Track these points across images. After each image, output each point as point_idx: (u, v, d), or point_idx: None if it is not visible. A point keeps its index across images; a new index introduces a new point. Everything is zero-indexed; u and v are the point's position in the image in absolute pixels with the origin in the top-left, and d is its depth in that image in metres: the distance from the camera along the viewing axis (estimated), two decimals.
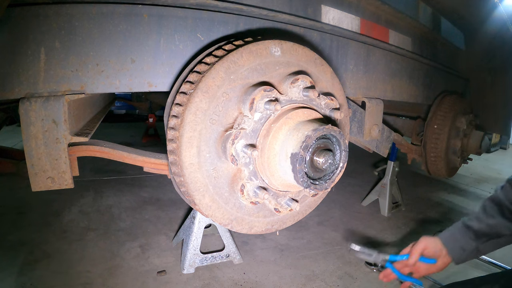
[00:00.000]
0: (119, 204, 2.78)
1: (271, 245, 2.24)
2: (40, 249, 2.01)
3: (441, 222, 2.79)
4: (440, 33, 2.40)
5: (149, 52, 1.17)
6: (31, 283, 1.71)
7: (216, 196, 1.02)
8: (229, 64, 0.99)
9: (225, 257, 1.98)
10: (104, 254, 2.01)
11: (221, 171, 1.02)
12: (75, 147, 1.28)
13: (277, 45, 1.07)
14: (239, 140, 0.96)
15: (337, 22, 1.63)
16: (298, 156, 0.85)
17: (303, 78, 1.03)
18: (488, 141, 2.75)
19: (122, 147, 1.44)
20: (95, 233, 2.27)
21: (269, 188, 1.03)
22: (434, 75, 2.54)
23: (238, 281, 1.85)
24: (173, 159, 1.02)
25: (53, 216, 2.46)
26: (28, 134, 1.07)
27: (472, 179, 4.24)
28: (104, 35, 1.10)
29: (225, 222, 1.05)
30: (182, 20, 1.20)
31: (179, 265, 1.94)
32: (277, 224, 1.16)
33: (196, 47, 1.24)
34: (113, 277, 1.80)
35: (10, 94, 1.04)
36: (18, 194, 2.75)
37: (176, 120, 0.99)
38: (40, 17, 1.01)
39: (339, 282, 1.89)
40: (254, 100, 0.96)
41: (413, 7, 2.10)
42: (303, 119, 0.97)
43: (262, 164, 0.99)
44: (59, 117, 1.09)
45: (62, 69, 1.07)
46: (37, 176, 1.12)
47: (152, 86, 1.20)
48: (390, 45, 1.98)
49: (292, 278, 1.91)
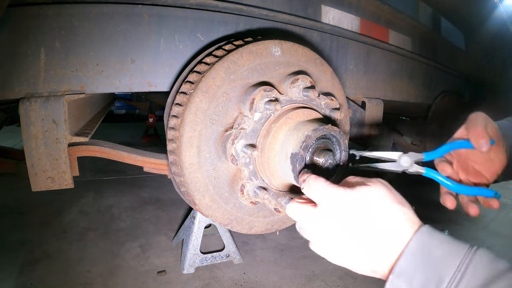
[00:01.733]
0: (119, 204, 2.78)
1: (271, 245, 2.25)
2: (40, 249, 2.01)
3: (441, 222, 2.79)
4: (440, 33, 2.40)
5: (149, 52, 1.17)
6: (31, 283, 1.71)
7: (216, 196, 1.02)
8: (229, 64, 0.99)
9: (225, 257, 1.98)
10: (104, 254, 2.01)
11: (221, 171, 1.02)
12: (75, 147, 1.28)
13: (277, 45, 1.07)
14: (239, 140, 0.96)
15: (337, 22, 1.63)
16: (298, 156, 0.85)
17: (303, 78, 1.03)
18: None
19: (122, 147, 1.45)
20: (95, 233, 2.27)
21: (269, 188, 1.03)
22: (434, 75, 2.54)
23: (238, 281, 1.85)
24: (173, 159, 1.02)
25: (53, 216, 2.46)
26: (28, 134, 1.07)
27: None
28: (104, 35, 1.10)
29: (225, 222, 1.05)
30: (182, 20, 1.20)
31: (179, 265, 1.94)
32: (277, 224, 1.16)
33: (196, 47, 1.24)
34: (113, 277, 1.80)
35: (10, 94, 1.04)
36: (18, 194, 2.75)
37: (176, 120, 0.99)
38: (40, 17, 1.01)
39: (339, 282, 1.89)
40: (254, 100, 0.96)
41: (413, 7, 2.10)
42: (303, 119, 0.97)
43: (262, 164, 0.99)
44: (59, 117, 1.09)
45: (62, 69, 1.07)
46: (37, 176, 1.12)
47: (152, 86, 1.20)
48: (390, 45, 1.98)
49: (292, 278, 1.91)
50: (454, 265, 0.46)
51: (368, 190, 0.57)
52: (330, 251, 0.60)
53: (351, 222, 0.56)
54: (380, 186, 0.58)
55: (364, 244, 0.55)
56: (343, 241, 0.57)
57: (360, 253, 0.56)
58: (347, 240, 0.56)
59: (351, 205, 0.56)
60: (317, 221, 0.59)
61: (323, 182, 0.61)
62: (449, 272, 0.46)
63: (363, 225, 0.55)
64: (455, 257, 0.47)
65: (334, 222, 0.57)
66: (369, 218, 0.55)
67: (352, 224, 0.56)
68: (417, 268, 0.49)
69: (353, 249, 0.56)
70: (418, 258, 0.49)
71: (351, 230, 0.56)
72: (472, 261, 0.46)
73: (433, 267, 0.47)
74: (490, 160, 0.77)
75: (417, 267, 0.49)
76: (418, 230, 0.52)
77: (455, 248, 0.48)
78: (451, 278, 0.45)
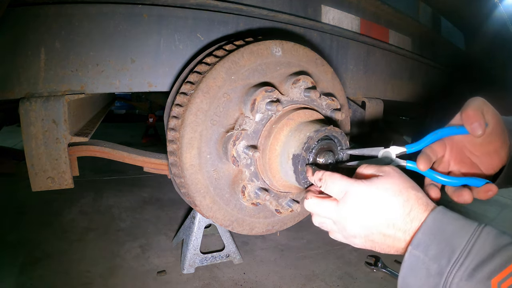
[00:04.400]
0: (119, 204, 2.78)
1: (271, 245, 2.25)
2: (40, 249, 2.00)
3: None
4: (440, 33, 2.40)
5: (149, 52, 1.17)
6: (31, 283, 1.71)
7: (217, 198, 1.02)
8: (230, 65, 0.99)
9: (225, 257, 1.98)
10: (104, 254, 2.01)
11: (222, 172, 1.02)
12: (75, 147, 1.28)
13: (278, 45, 1.07)
14: (240, 141, 0.95)
15: (337, 22, 1.63)
16: (300, 157, 0.85)
17: (305, 78, 1.03)
18: None
19: (122, 147, 1.44)
20: (95, 233, 2.27)
21: (270, 189, 1.03)
22: (434, 75, 2.54)
23: (238, 281, 1.85)
24: (174, 160, 1.02)
25: (53, 216, 2.46)
26: (28, 134, 1.07)
27: None
28: (104, 35, 1.10)
29: (226, 223, 1.04)
30: (182, 20, 1.20)
31: (179, 265, 1.94)
32: (278, 225, 1.16)
33: (196, 47, 1.23)
34: (113, 277, 1.80)
35: (10, 94, 1.04)
36: (18, 194, 2.75)
37: (177, 121, 0.99)
38: (40, 17, 1.01)
39: (339, 282, 1.89)
40: (255, 101, 0.95)
41: (413, 7, 2.10)
42: (304, 120, 0.97)
43: (264, 165, 0.99)
44: (59, 117, 1.09)
45: (62, 69, 1.07)
46: (37, 176, 1.12)
47: (152, 86, 1.20)
48: (390, 45, 1.97)
49: (292, 278, 1.91)
50: (464, 238, 0.53)
51: (384, 181, 0.63)
52: (354, 238, 0.66)
53: (373, 210, 0.62)
54: (395, 175, 0.64)
55: (386, 228, 0.61)
56: (367, 228, 0.63)
57: (383, 236, 0.62)
58: (370, 227, 0.63)
59: (371, 196, 0.63)
60: (341, 214, 0.66)
61: (340, 178, 0.68)
62: (460, 244, 0.53)
63: (384, 212, 0.62)
64: (466, 232, 0.54)
65: (357, 212, 0.64)
66: (388, 205, 0.61)
67: (374, 212, 0.62)
68: (432, 241, 0.55)
69: (376, 234, 0.63)
70: (433, 233, 0.56)
71: (373, 218, 0.62)
72: (480, 236, 0.53)
73: (446, 240, 0.54)
74: (489, 154, 0.74)
75: (432, 240, 0.56)
76: (433, 210, 0.59)
77: (466, 225, 0.55)
78: (462, 249, 0.52)
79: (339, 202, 0.67)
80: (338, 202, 0.67)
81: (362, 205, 0.64)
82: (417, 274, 0.56)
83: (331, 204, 0.69)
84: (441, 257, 0.53)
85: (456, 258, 0.52)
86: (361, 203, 0.64)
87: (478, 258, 0.51)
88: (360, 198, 0.64)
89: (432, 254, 0.55)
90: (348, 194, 0.65)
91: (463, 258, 0.52)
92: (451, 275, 0.52)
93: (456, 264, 0.52)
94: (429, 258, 0.55)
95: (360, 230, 0.64)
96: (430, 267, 0.54)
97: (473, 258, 0.51)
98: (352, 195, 0.65)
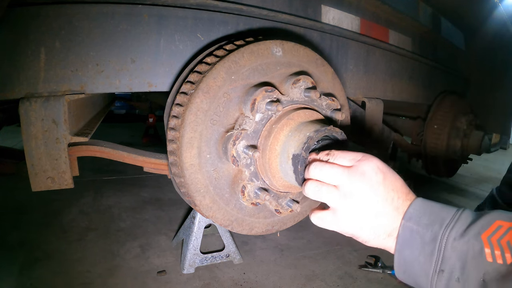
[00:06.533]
0: (119, 204, 2.78)
1: (271, 245, 2.24)
2: (40, 249, 2.00)
3: None
4: (440, 33, 2.40)
5: (149, 52, 1.17)
6: (31, 283, 1.70)
7: (217, 197, 1.02)
8: (230, 64, 0.99)
9: (225, 257, 1.98)
10: (104, 254, 2.01)
11: (222, 172, 1.01)
12: (75, 147, 1.28)
13: (279, 45, 1.07)
14: (240, 141, 0.95)
15: (337, 22, 1.63)
16: (300, 158, 0.85)
17: (305, 78, 1.03)
18: (488, 141, 2.76)
19: (122, 147, 1.44)
20: (95, 233, 2.26)
21: (270, 189, 1.03)
22: (434, 75, 2.54)
23: (238, 281, 1.85)
24: (174, 159, 1.02)
25: (53, 216, 2.46)
26: (28, 134, 1.07)
27: (472, 179, 4.24)
28: (104, 35, 1.10)
29: (225, 223, 1.04)
30: (182, 20, 1.20)
31: (179, 265, 1.94)
32: (278, 225, 1.16)
33: (196, 47, 1.23)
34: (113, 277, 1.80)
35: (10, 94, 1.04)
36: (18, 194, 2.74)
37: (177, 121, 0.99)
38: (40, 17, 1.01)
39: (339, 282, 1.89)
40: (255, 101, 0.95)
41: (413, 7, 2.10)
42: (304, 120, 0.97)
43: (263, 165, 0.99)
44: (59, 117, 1.09)
45: (62, 69, 1.07)
46: (37, 176, 1.12)
47: (152, 86, 1.20)
48: (390, 45, 1.98)
49: (292, 278, 1.91)
50: (451, 213, 0.60)
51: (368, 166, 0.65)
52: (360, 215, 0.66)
53: (386, 182, 0.65)
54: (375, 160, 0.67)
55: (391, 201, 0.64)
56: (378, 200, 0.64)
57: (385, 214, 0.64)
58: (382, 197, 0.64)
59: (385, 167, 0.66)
60: (354, 177, 0.65)
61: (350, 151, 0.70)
62: (448, 215, 0.60)
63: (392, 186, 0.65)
64: (451, 209, 0.61)
65: (372, 179, 0.65)
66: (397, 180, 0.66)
67: (387, 184, 0.65)
68: (423, 213, 0.61)
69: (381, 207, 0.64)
70: (423, 207, 0.62)
71: (386, 189, 0.64)
72: (464, 212, 0.60)
73: (435, 213, 0.61)
74: None
75: (422, 212, 0.62)
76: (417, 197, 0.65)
77: (449, 207, 0.62)
78: (451, 219, 0.59)
79: (352, 166, 0.66)
80: (351, 167, 0.66)
81: (378, 173, 0.64)
82: (412, 244, 0.60)
83: (340, 168, 0.67)
84: (433, 224, 0.59)
85: (447, 223, 0.58)
86: (377, 172, 0.64)
87: (466, 222, 0.57)
88: (376, 166, 0.65)
89: (424, 223, 0.60)
90: (363, 159, 0.66)
91: (453, 222, 0.58)
92: (445, 237, 0.57)
93: (448, 227, 0.58)
94: (422, 227, 0.60)
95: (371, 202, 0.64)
96: (424, 235, 0.59)
97: (462, 223, 0.58)
98: (368, 161, 0.65)
